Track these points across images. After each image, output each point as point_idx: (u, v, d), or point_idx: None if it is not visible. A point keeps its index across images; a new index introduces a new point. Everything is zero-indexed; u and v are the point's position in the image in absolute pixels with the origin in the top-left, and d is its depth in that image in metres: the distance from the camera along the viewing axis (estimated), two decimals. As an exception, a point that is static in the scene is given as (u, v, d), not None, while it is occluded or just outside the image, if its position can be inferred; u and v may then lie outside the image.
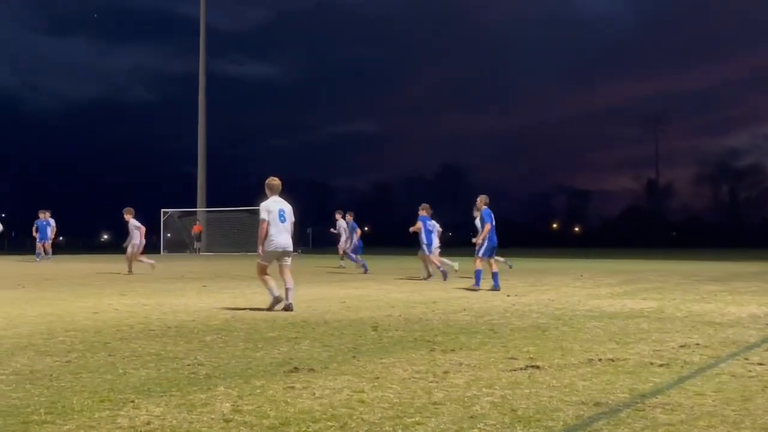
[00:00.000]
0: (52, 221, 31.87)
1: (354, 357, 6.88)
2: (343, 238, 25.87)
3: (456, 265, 20.97)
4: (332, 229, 26.79)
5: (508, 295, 14.05)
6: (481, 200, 16.07)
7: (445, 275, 18.66)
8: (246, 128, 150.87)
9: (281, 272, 11.42)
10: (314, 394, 5.27)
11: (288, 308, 11.02)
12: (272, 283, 11.33)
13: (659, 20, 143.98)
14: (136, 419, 4.54)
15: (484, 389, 5.46)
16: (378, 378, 5.86)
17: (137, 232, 21.73)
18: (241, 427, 4.39)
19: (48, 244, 31.83)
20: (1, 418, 4.55)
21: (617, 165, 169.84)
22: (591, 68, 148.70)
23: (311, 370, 6.21)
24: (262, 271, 11.45)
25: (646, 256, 44.72)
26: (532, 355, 7.00)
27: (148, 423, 4.45)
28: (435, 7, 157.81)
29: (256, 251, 11.78)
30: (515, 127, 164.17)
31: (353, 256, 24.68)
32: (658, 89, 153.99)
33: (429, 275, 19.62)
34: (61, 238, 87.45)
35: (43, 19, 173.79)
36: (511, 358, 6.87)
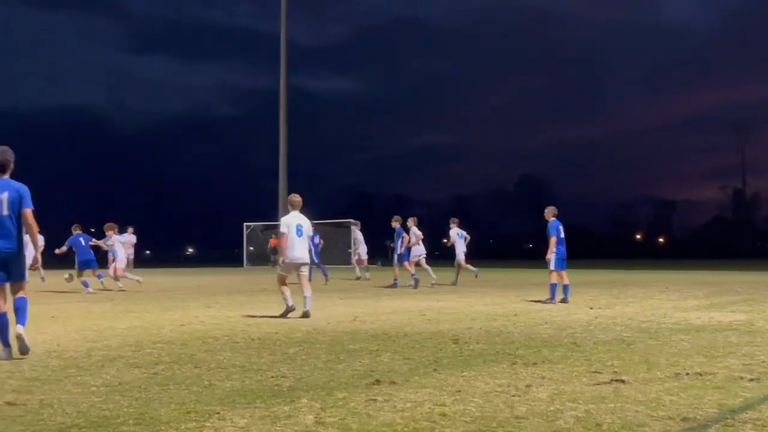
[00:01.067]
0: (132, 237, 32.24)
1: (435, 370, 6.87)
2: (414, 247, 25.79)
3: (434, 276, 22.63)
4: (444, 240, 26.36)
5: (591, 308, 13.83)
6: (549, 212, 15.89)
7: (416, 284, 20.96)
8: (326, 142, 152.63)
9: (300, 282, 12.25)
10: (396, 406, 5.27)
11: (306, 315, 11.83)
12: (288, 292, 12.05)
13: (745, 26, 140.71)
14: (222, 430, 4.62)
15: (567, 403, 5.39)
16: (459, 391, 5.84)
17: (120, 246, 21.71)
18: (324, 440, 4.43)
19: (131, 260, 32.17)
20: (92, 428, 4.69)
21: (703, 174, 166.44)
22: (675, 76, 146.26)
23: (393, 382, 6.23)
24: (281, 281, 12.19)
25: (734, 267, 43.41)
26: (616, 369, 6.87)
27: (234, 434, 4.53)
28: (513, 18, 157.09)
29: (332, 265, 12.19)
30: (597, 137, 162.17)
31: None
32: (744, 96, 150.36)
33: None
34: (147, 252, 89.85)
35: (129, 38, 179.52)
36: (595, 372, 6.75)
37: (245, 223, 54.84)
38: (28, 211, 7.78)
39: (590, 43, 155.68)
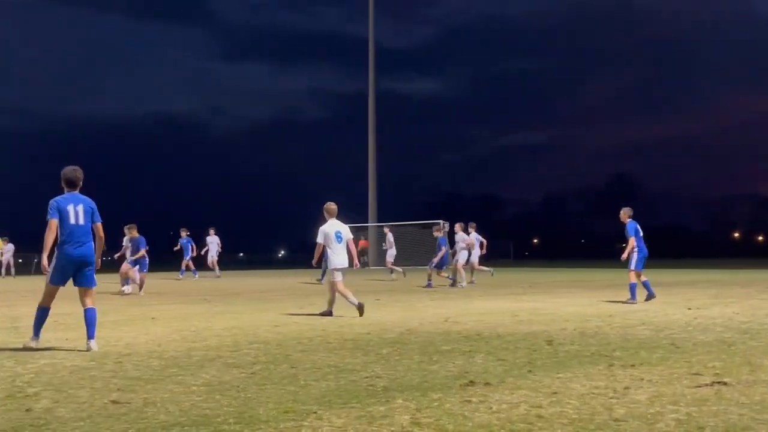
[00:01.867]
0: (216, 239, 32.72)
1: (530, 371, 6.81)
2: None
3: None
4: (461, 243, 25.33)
5: (689, 309, 13.48)
6: (624, 214, 15.70)
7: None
8: (414, 143, 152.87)
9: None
10: (491, 408, 5.25)
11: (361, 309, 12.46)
12: (350, 294, 12.67)
13: None
14: (319, 430, 4.68)
15: (668, 406, 5.27)
16: (556, 393, 5.77)
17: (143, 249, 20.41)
18: (421, 440, 4.44)
19: (214, 260, 32.50)
20: (194, 427, 4.81)
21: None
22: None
23: (487, 383, 6.20)
24: (338, 286, 12.68)
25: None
26: (718, 371, 6.68)
27: (331, 434, 4.59)
28: (602, 13, 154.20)
29: (425, 266, 12.16)
30: (691, 133, 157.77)
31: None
32: None
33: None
34: (241, 254, 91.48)
35: (222, 46, 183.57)
36: (696, 373, 6.58)
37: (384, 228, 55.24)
38: (100, 224, 8.76)
39: (683, 37, 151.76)
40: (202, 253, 32.16)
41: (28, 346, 8.62)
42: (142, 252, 20.20)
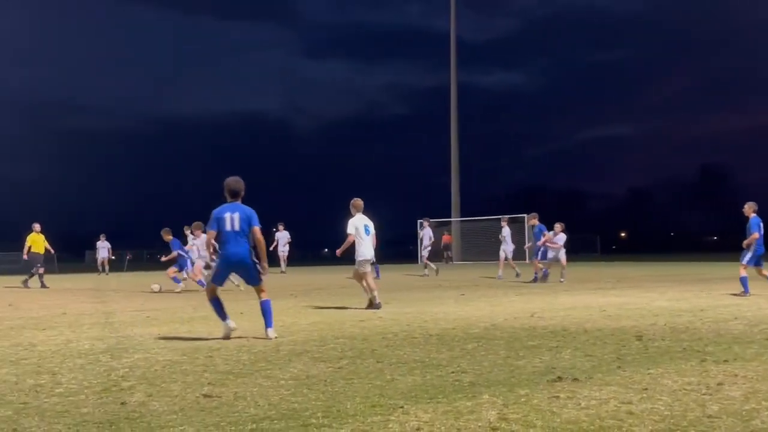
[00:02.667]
0: (286, 234, 33.83)
1: (619, 367, 6.69)
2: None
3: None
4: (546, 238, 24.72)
5: (785, 303, 13.05)
6: (749, 208, 15.27)
7: (545, 277, 21.73)
8: (496, 137, 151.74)
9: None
10: (580, 404, 5.18)
11: (378, 306, 13.10)
12: (374, 288, 13.37)
13: None
14: (407, 424, 4.70)
15: (763, 402, 5.12)
16: (646, 389, 5.66)
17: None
18: (508, 436, 4.41)
19: (284, 255, 33.60)
20: (283, 420, 4.89)
21: None
22: None
23: (575, 379, 6.12)
24: (362, 277, 13.48)
25: None
26: (817, 368, 6.46)
27: (418, 429, 4.60)
28: (687, 2, 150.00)
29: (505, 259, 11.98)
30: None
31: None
32: None
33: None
34: (326, 250, 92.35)
35: (304, 44, 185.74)
36: (794, 370, 6.37)
37: (419, 220, 55.40)
38: (256, 228, 9.35)
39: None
40: (271, 248, 32.75)
41: (227, 334, 9.25)
42: (174, 254, 20.96)
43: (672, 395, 5.43)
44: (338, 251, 13.99)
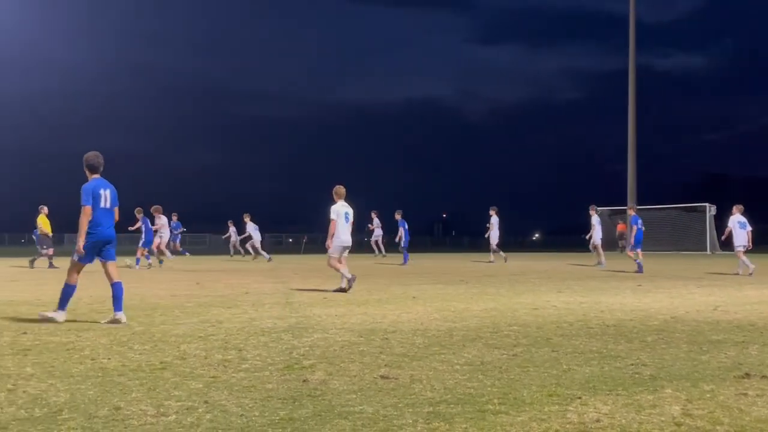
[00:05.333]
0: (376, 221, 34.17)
1: (814, 366, 6.29)
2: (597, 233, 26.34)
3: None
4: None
5: None
6: None
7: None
8: (674, 122, 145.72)
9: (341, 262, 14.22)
10: (771, 403, 4.92)
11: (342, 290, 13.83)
12: (344, 269, 14.02)
13: None
14: (585, 416, 4.61)
15: None
16: None
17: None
18: (694, 433, 4.25)
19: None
20: (459, 405, 4.91)
21: None
22: None
23: (765, 377, 5.81)
24: (335, 262, 14.16)
25: None
26: None
27: (598, 420, 4.50)
28: None
29: (687, 251, 11.57)
30: None
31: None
32: None
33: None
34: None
35: (477, 30, 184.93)
36: None
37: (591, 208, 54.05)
38: (117, 208, 9.71)
39: None
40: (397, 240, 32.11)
41: (49, 320, 9.17)
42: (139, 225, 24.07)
43: None
44: (327, 242, 14.28)
